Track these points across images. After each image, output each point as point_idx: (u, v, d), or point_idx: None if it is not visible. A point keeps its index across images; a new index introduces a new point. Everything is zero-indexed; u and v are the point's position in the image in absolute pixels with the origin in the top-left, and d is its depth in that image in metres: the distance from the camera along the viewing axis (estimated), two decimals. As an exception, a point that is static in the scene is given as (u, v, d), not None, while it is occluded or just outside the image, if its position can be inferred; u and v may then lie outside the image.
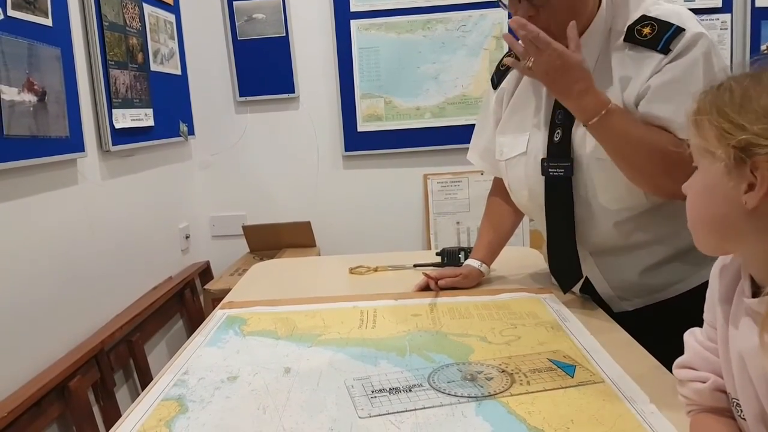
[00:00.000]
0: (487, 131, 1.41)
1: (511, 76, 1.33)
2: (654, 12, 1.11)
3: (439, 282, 1.39)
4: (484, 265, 1.44)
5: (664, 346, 0.95)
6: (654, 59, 1.08)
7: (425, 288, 1.41)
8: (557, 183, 1.20)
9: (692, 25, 1.07)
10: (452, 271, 1.44)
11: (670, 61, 1.06)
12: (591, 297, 1.30)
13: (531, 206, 1.31)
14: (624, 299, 1.25)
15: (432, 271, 1.44)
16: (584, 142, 1.15)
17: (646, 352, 1.03)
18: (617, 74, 1.12)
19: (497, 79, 1.37)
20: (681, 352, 0.76)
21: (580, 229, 1.22)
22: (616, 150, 1.07)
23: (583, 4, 1.13)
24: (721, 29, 2.72)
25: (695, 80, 1.03)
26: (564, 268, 1.28)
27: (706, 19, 2.70)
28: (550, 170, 1.20)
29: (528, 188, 1.27)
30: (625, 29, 1.12)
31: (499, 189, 1.46)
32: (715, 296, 0.70)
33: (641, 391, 0.90)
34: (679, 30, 1.06)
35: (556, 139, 1.18)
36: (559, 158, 1.18)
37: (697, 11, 2.62)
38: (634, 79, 1.10)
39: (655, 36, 1.08)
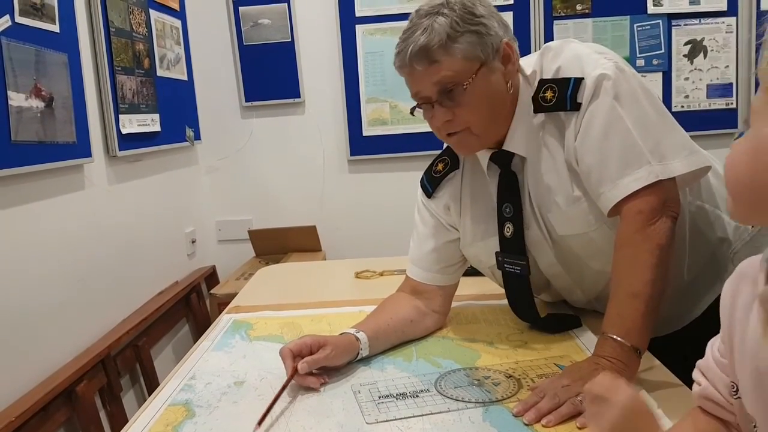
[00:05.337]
0: (438, 239, 1.23)
1: (448, 189, 1.20)
2: (552, 69, 1.03)
3: (299, 366, 0.98)
4: (362, 333, 1.10)
5: (672, 352, 0.94)
6: (570, 119, 1.01)
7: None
8: (516, 278, 1.13)
9: (591, 67, 0.99)
10: (314, 340, 1.04)
11: (583, 116, 0.99)
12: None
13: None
14: None
15: (292, 345, 1.03)
16: (540, 245, 1.11)
17: (654, 357, 1.02)
18: (551, 148, 1.05)
19: (431, 188, 1.22)
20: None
21: (583, 284, 1.17)
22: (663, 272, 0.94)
23: (497, 91, 1.02)
24: (726, 32, 2.71)
25: (619, 125, 0.97)
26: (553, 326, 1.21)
27: (712, 23, 2.70)
28: (506, 266, 1.13)
29: None
30: (531, 102, 1.05)
31: (411, 289, 1.25)
32: (735, 312, 0.68)
33: (649, 396, 0.89)
34: (578, 81, 0.99)
35: (507, 234, 1.11)
36: (514, 254, 1.12)
37: (702, 15, 2.68)
38: (566, 146, 1.03)
39: (559, 97, 1.01)
